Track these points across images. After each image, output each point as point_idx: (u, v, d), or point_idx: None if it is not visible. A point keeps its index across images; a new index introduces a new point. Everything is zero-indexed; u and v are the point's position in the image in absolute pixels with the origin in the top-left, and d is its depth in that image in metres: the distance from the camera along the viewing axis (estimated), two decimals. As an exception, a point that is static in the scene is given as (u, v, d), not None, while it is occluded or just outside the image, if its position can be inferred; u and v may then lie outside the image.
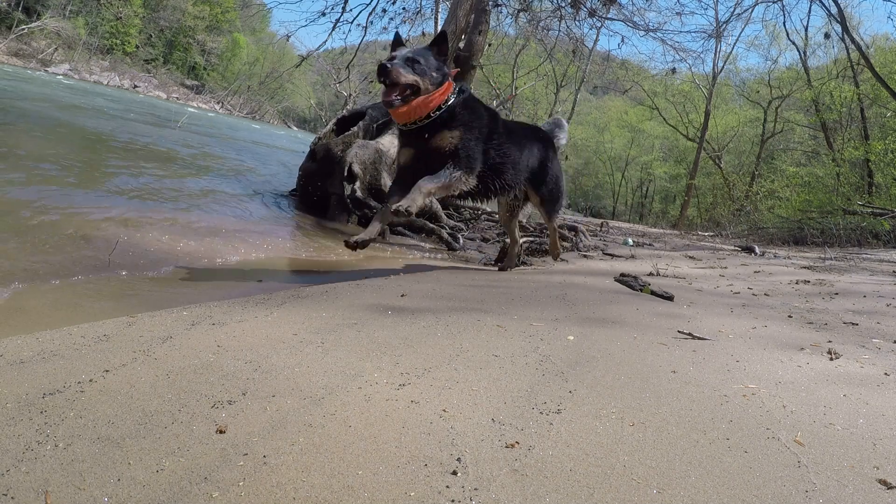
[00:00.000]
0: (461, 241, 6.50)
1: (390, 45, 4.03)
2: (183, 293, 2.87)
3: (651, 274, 5.30)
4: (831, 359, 2.58)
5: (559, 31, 12.64)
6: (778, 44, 26.95)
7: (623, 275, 4.69)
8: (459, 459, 1.38)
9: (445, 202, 8.74)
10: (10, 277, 2.59)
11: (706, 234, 16.79)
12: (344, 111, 8.88)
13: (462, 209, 9.17)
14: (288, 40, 16.03)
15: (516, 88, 29.76)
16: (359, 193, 6.27)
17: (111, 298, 2.63)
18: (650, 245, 10.29)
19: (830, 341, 2.92)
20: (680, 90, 30.47)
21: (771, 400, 1.98)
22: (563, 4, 11.33)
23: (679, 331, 2.88)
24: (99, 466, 1.21)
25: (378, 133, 7.38)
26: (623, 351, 2.43)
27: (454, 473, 1.31)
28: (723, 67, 26.80)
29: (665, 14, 32.98)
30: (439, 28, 11.05)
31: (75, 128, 8.78)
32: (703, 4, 39.30)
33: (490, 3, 9.51)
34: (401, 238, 6.49)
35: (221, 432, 1.39)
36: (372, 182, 6.50)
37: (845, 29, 15.93)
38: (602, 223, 17.74)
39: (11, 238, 3.17)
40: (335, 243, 5.30)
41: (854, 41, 16.30)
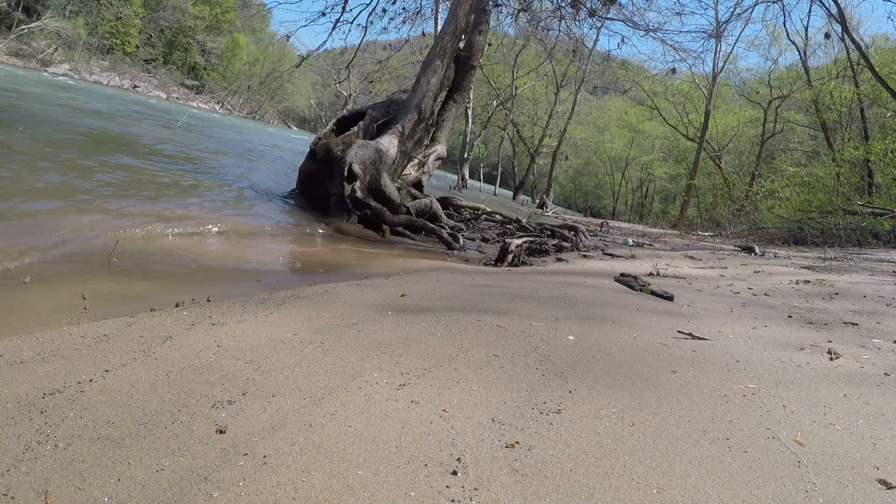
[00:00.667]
0: (461, 241, 6.50)
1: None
2: (184, 292, 2.87)
3: (651, 274, 5.30)
4: (831, 359, 2.58)
5: (559, 31, 12.65)
6: (778, 44, 26.95)
7: (623, 275, 4.69)
8: (459, 459, 1.38)
9: (444, 203, 8.75)
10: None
11: (706, 234, 16.79)
12: (344, 111, 8.89)
13: (462, 209, 9.17)
14: (288, 40, 16.04)
15: (516, 88, 29.76)
16: (359, 193, 6.27)
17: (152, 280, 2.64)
18: (650, 245, 10.30)
19: (830, 341, 2.92)
20: (680, 90, 30.44)
21: (771, 400, 1.98)
22: (563, 4, 11.34)
23: (679, 331, 2.88)
24: (99, 466, 1.21)
25: (378, 133, 7.39)
26: (623, 351, 2.43)
27: (454, 473, 1.31)
28: (723, 67, 26.80)
29: (665, 14, 33.04)
30: (439, 28, 11.04)
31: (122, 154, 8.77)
32: (703, 4, 39.37)
33: (490, 3, 9.51)
34: (401, 238, 6.50)
35: (221, 432, 1.39)
36: (372, 182, 6.50)
37: (845, 29, 15.94)
38: (602, 223, 17.74)
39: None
40: (335, 243, 5.30)
41: (854, 41, 16.30)
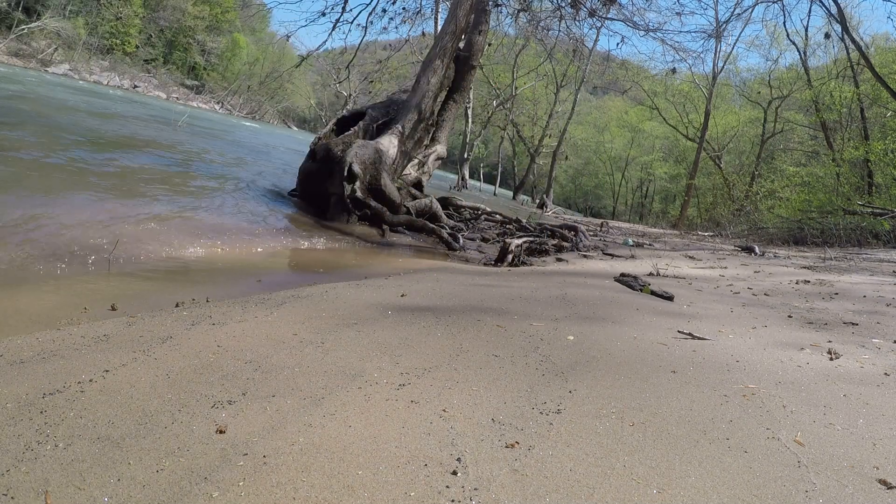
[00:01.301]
0: (461, 241, 6.50)
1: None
2: (184, 292, 2.87)
3: (651, 274, 5.30)
4: (831, 359, 2.58)
5: (559, 31, 12.65)
6: (778, 44, 26.93)
7: (623, 275, 4.69)
8: (459, 459, 1.38)
9: (444, 203, 8.75)
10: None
11: (706, 234, 16.79)
12: (344, 111, 8.88)
13: (462, 209, 9.17)
14: (288, 40, 16.05)
15: (516, 88, 29.75)
16: (359, 193, 6.27)
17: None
18: (650, 245, 10.30)
19: (830, 341, 2.92)
20: (680, 90, 30.44)
21: (771, 400, 1.98)
22: (563, 4, 11.34)
23: (679, 331, 2.88)
24: (99, 466, 1.21)
25: (378, 133, 7.39)
26: (623, 351, 2.43)
27: (454, 473, 1.31)
28: (723, 67, 26.79)
29: (665, 14, 33.07)
30: (439, 28, 11.04)
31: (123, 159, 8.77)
32: (703, 4, 39.37)
33: (490, 3, 9.51)
34: (401, 238, 6.50)
35: (221, 432, 1.39)
36: (372, 182, 6.50)
37: (845, 29, 15.93)
38: (602, 223, 17.75)
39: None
40: (334, 243, 5.30)
41: (854, 41, 16.29)
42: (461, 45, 8.55)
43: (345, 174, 6.20)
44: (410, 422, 1.55)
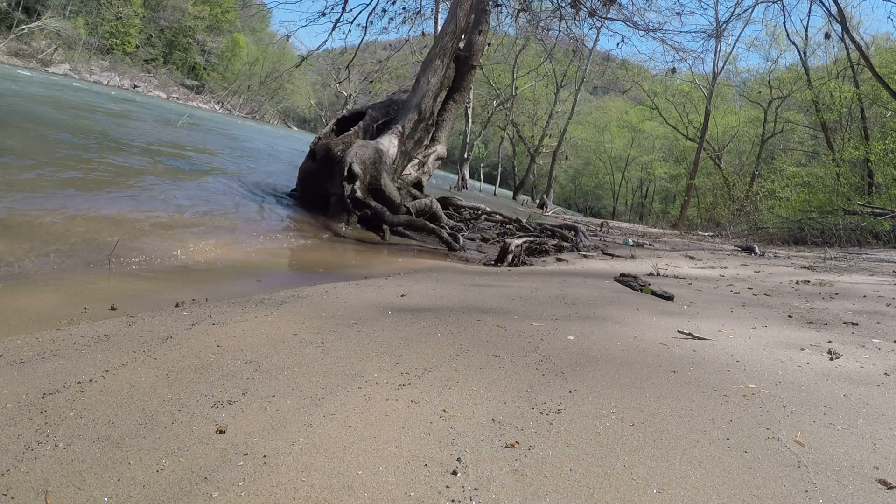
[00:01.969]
0: (461, 241, 6.50)
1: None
2: (184, 292, 2.87)
3: (651, 274, 5.30)
4: (831, 359, 2.58)
5: (559, 31, 12.65)
6: (778, 44, 26.92)
7: (623, 275, 4.69)
8: (459, 459, 1.38)
9: (444, 203, 8.75)
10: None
11: (706, 234, 16.78)
12: (344, 111, 8.89)
13: (462, 209, 9.17)
14: (288, 40, 16.05)
15: (516, 88, 29.75)
16: (359, 193, 6.27)
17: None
18: (650, 245, 10.30)
19: (830, 341, 2.92)
20: (680, 90, 30.44)
21: (771, 400, 1.98)
22: (563, 4, 11.34)
23: (679, 331, 2.88)
24: (99, 466, 1.21)
25: (378, 133, 7.39)
26: (623, 351, 2.43)
27: (454, 473, 1.31)
28: (723, 67, 26.80)
29: (665, 14, 33.06)
30: (439, 28, 11.04)
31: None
32: (703, 4, 39.37)
33: (490, 3, 9.51)
34: (401, 238, 6.50)
35: (221, 432, 1.39)
36: (372, 182, 6.49)
37: (845, 29, 15.93)
38: (602, 223, 17.75)
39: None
40: (335, 243, 5.30)
41: (854, 41, 16.29)
42: (461, 45, 8.55)
43: (345, 174, 6.20)
44: (410, 422, 1.55)
